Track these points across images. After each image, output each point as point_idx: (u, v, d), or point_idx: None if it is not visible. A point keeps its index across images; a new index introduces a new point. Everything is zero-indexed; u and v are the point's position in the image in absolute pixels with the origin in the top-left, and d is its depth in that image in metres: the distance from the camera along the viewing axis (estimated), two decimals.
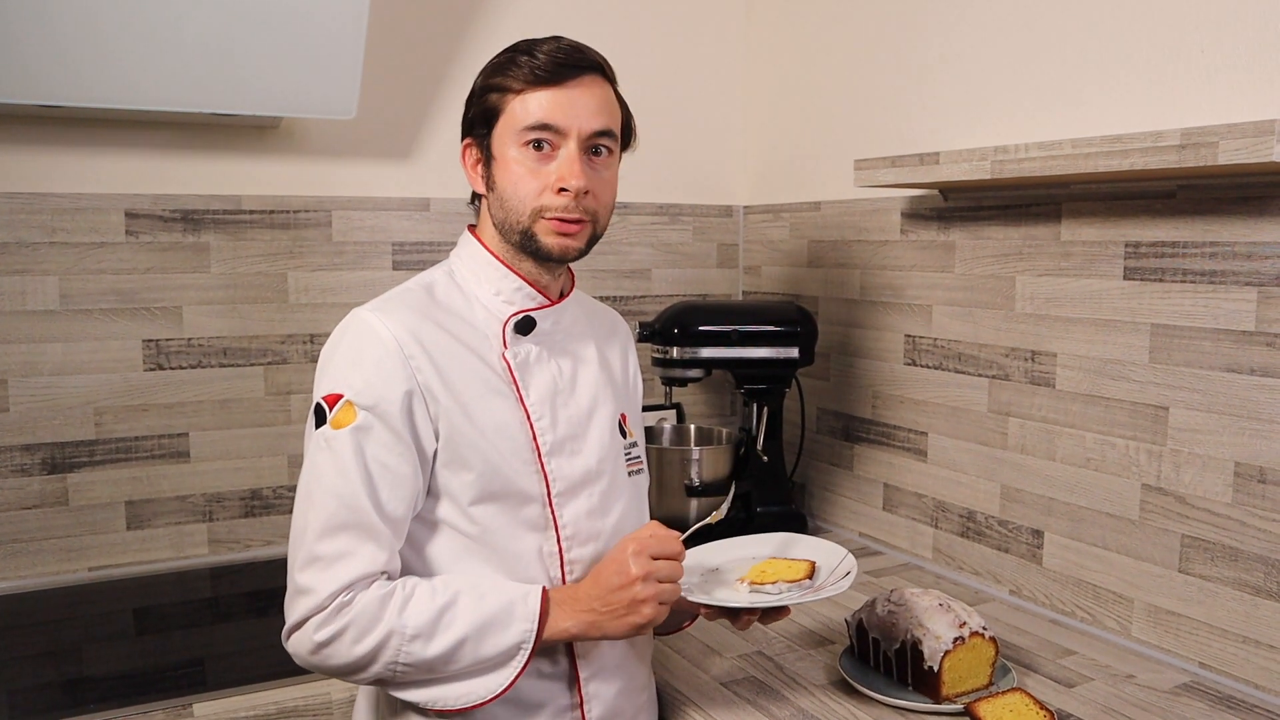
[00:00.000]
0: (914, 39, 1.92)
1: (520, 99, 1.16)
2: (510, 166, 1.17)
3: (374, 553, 1.10)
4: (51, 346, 1.81)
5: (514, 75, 1.16)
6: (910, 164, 1.69)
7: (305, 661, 1.12)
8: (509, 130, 1.16)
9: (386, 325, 1.13)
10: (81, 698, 1.40)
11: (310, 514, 1.11)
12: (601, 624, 1.15)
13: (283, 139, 1.98)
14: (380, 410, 1.10)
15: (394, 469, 1.11)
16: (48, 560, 1.84)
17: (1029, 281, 1.68)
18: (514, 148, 1.16)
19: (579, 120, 1.16)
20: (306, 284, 2.00)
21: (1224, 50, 1.39)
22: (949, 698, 1.32)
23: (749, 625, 1.26)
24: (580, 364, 1.28)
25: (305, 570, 1.10)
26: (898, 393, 1.99)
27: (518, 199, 1.17)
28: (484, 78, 1.20)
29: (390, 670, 1.10)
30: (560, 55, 1.15)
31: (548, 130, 1.15)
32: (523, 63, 1.15)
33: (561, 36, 1.19)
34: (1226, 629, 1.42)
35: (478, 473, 1.15)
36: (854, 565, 1.29)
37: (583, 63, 1.17)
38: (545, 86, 1.15)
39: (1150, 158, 1.31)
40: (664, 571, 1.16)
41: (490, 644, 1.12)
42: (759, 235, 2.41)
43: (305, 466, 1.14)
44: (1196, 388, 1.44)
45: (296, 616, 1.10)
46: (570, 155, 1.16)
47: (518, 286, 1.22)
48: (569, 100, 1.16)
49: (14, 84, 1.57)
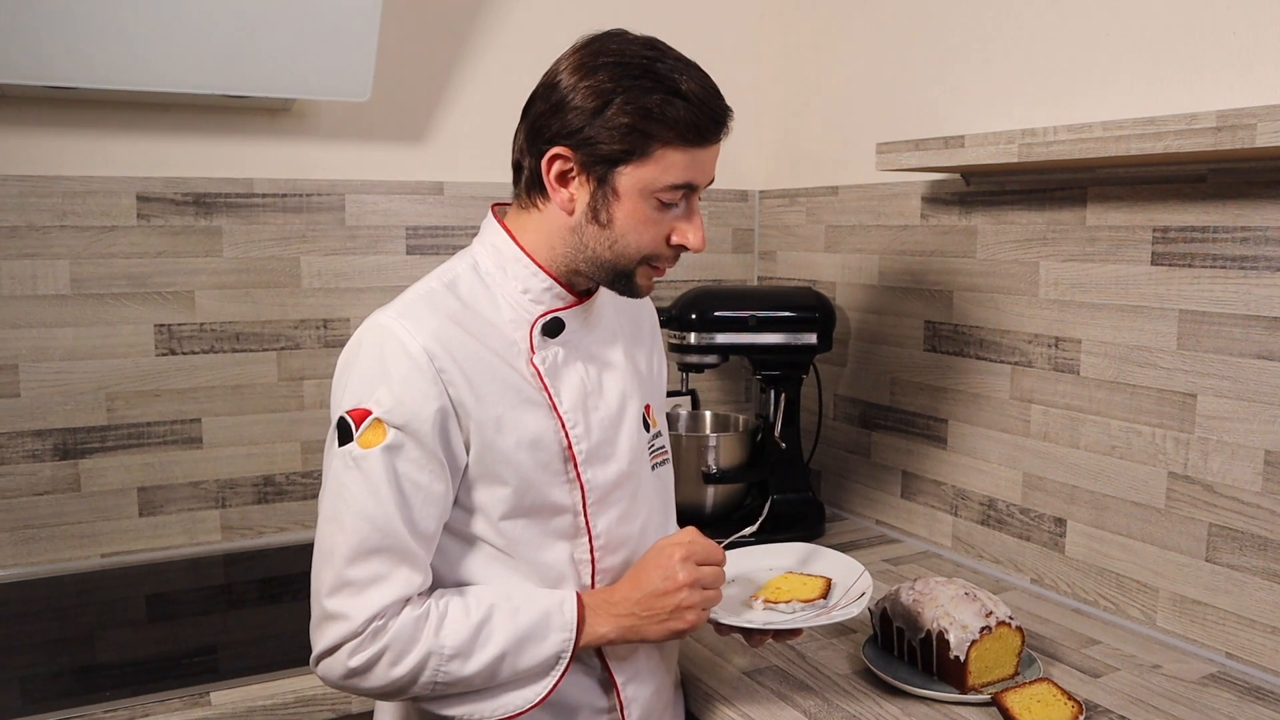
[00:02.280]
0: (936, 20, 1.89)
1: (673, 153, 1.08)
2: (637, 212, 1.10)
3: (409, 575, 1.06)
4: (63, 331, 1.80)
5: (673, 125, 1.07)
6: (935, 147, 1.67)
7: (337, 685, 1.08)
8: (649, 180, 1.08)
9: (414, 335, 1.06)
10: (95, 684, 1.39)
11: (339, 537, 1.06)
12: (641, 628, 1.13)
13: (295, 121, 1.96)
14: (412, 429, 1.05)
15: (426, 487, 1.07)
16: (60, 547, 1.83)
17: (1053, 267, 1.66)
18: (646, 195, 1.10)
19: (708, 176, 1.13)
20: (319, 268, 1.98)
21: (1257, 31, 1.37)
22: (975, 688, 1.30)
23: (762, 644, 1.27)
24: (606, 364, 1.23)
25: (335, 595, 1.05)
26: (917, 379, 1.96)
27: (636, 247, 1.12)
28: (630, 109, 1.06)
29: (429, 689, 1.07)
30: (715, 109, 1.10)
31: (687, 188, 1.11)
32: (682, 113, 1.07)
33: (698, 67, 1.11)
34: (1255, 619, 1.40)
35: (512, 488, 1.11)
36: (870, 584, 1.29)
37: (726, 118, 1.12)
38: (697, 147, 1.09)
39: (1185, 140, 1.29)
40: (708, 579, 1.14)
41: (528, 656, 1.09)
42: (774, 220, 2.38)
43: (329, 485, 1.09)
44: (1226, 375, 1.42)
45: (328, 643, 1.05)
46: (697, 215, 1.13)
47: (547, 286, 1.16)
48: (710, 158, 1.12)
49: (25, 66, 1.55)
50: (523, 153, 1.15)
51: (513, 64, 2.10)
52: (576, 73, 1.08)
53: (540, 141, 1.11)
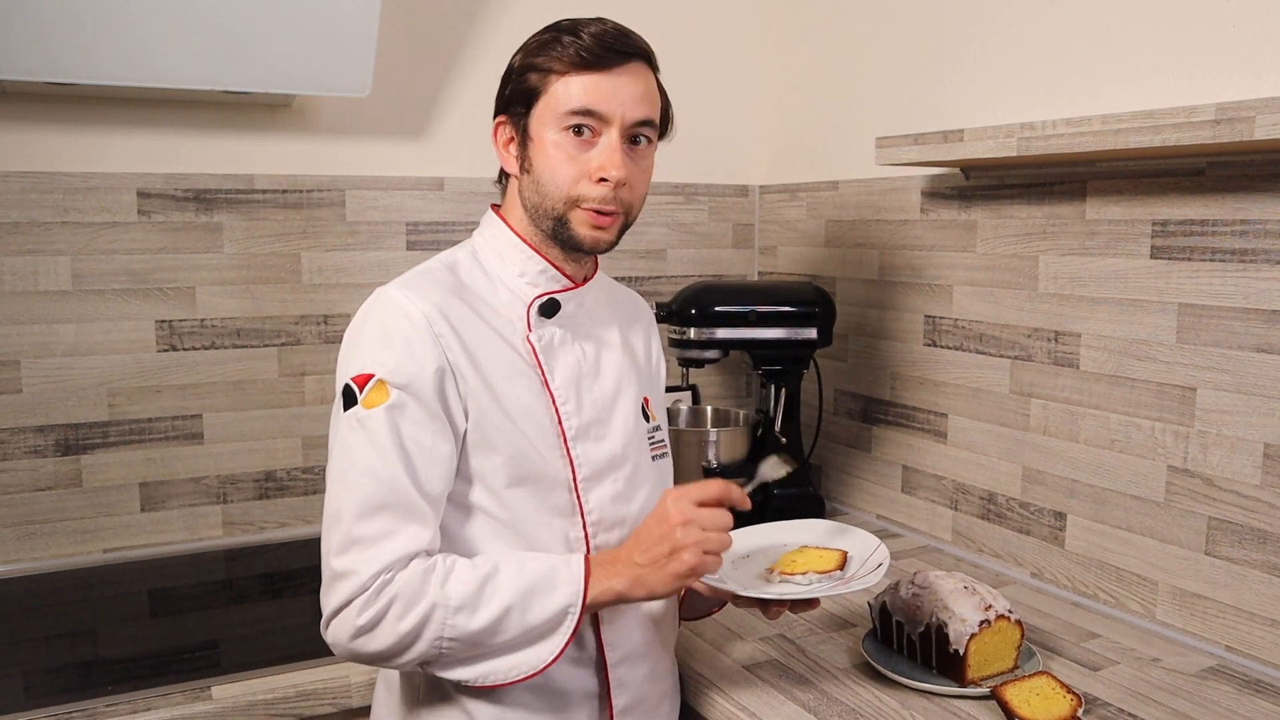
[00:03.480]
0: (936, 14, 1.89)
1: (563, 81, 1.12)
2: (548, 150, 1.14)
3: (417, 532, 1.07)
4: (64, 327, 1.80)
5: (558, 56, 1.12)
6: (934, 141, 1.67)
7: (345, 649, 1.07)
8: (549, 112, 1.13)
9: (415, 303, 1.10)
10: (97, 679, 1.39)
11: (345, 496, 1.07)
12: (645, 578, 1.11)
13: (296, 117, 1.96)
14: (414, 389, 1.08)
15: (430, 447, 1.08)
16: (62, 542, 1.83)
17: (1053, 261, 1.66)
18: (554, 131, 1.13)
19: (622, 108, 1.13)
20: (320, 264, 1.99)
21: (1256, 24, 1.36)
22: (974, 681, 1.30)
23: (779, 615, 1.25)
24: (603, 347, 1.26)
25: (344, 554, 1.06)
26: (917, 374, 1.97)
27: (555, 184, 1.14)
28: (524, 55, 1.16)
29: (435, 647, 1.06)
30: (607, 39, 1.12)
31: (590, 116, 1.12)
32: (567, 43, 1.12)
33: (606, 19, 1.16)
34: (1255, 612, 1.41)
35: (506, 456, 1.13)
36: (886, 556, 1.28)
37: (629, 49, 1.14)
38: (590, 71, 1.12)
39: (1184, 133, 1.28)
40: (706, 519, 1.11)
41: (537, 610, 1.08)
42: (775, 215, 2.38)
43: (335, 450, 1.10)
44: (1225, 368, 1.42)
45: (337, 601, 1.06)
46: (612, 144, 1.13)
47: (542, 269, 1.20)
48: (613, 87, 1.13)
49: (25, 62, 1.55)
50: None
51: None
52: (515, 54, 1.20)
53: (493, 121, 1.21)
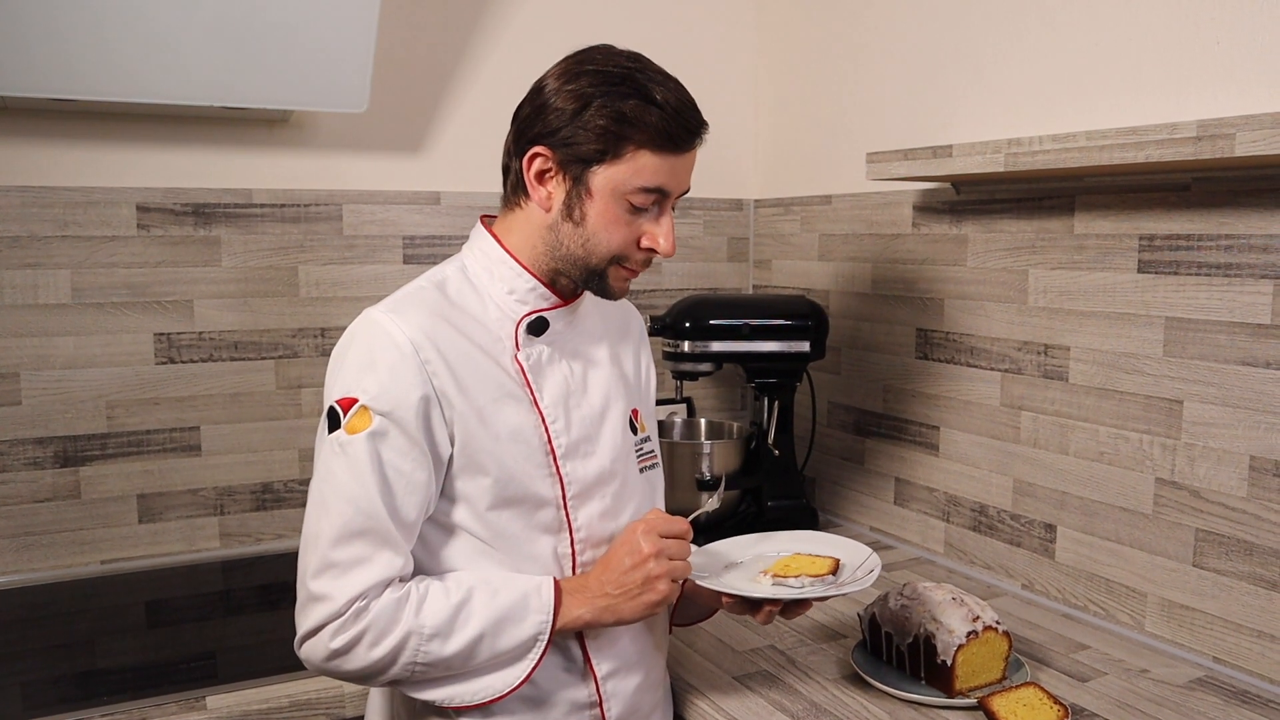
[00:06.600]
0: (926, 31, 1.91)
1: (645, 156, 1.12)
2: (608, 211, 1.14)
3: (390, 559, 1.09)
4: (63, 340, 1.82)
5: (646, 129, 1.11)
6: (923, 157, 1.68)
7: (319, 668, 1.11)
8: (621, 180, 1.13)
9: (401, 328, 1.10)
10: (94, 690, 1.40)
11: (324, 520, 1.09)
12: (616, 607, 1.16)
13: (293, 132, 1.98)
14: (396, 416, 1.09)
15: (409, 475, 1.10)
16: (60, 553, 1.85)
17: (1042, 275, 1.68)
18: (617, 196, 1.14)
19: (682, 185, 1.17)
20: (317, 278, 2.00)
21: (1239, 42, 1.38)
22: (962, 692, 1.31)
23: (770, 618, 1.25)
24: (591, 364, 1.27)
25: (319, 577, 1.08)
26: (909, 387, 1.98)
27: (606, 245, 1.16)
28: (606, 112, 1.11)
29: (408, 670, 1.10)
30: (686, 117, 1.13)
31: (658, 193, 1.15)
32: (655, 119, 1.11)
33: (673, 78, 1.16)
34: (1241, 623, 1.42)
35: (493, 478, 1.14)
36: (878, 564, 1.29)
37: (700, 128, 1.16)
38: (670, 153, 1.13)
39: (1166, 149, 1.30)
40: (674, 549, 1.17)
41: (507, 638, 1.12)
42: (769, 229, 2.40)
43: (318, 471, 1.12)
44: (1211, 381, 1.44)
45: (311, 624, 1.09)
46: (668, 219, 1.17)
47: (532, 286, 1.21)
48: (683, 167, 1.16)
49: (25, 78, 1.57)
50: (509, 154, 1.20)
51: (509, 75, 2.12)
52: (560, 79, 1.14)
53: (523, 141, 1.16)
